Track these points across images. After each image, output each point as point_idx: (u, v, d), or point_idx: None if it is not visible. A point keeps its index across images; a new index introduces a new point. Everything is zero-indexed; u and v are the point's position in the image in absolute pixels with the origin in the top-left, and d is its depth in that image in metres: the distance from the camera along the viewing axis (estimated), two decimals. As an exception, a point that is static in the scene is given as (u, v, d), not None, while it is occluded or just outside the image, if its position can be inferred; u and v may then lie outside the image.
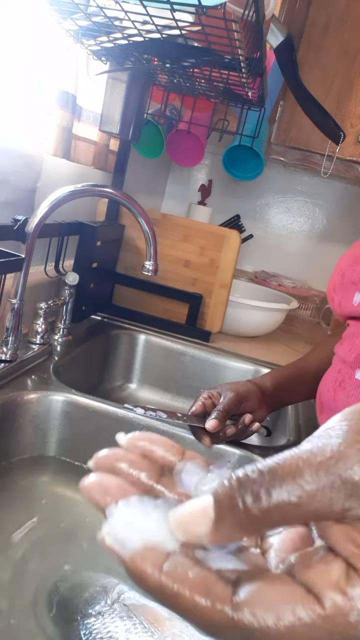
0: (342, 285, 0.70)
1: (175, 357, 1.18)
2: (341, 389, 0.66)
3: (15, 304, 0.80)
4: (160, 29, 0.71)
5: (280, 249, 1.96)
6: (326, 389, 0.70)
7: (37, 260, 0.94)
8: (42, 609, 0.55)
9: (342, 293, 0.70)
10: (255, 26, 0.69)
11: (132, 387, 1.20)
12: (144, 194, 1.72)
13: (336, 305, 0.72)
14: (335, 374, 0.69)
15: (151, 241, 0.91)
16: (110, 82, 0.99)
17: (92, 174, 1.18)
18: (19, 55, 0.79)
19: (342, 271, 0.71)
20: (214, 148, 1.82)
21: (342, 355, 0.69)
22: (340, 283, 0.71)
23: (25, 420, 0.78)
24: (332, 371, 0.71)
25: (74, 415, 0.80)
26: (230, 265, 1.22)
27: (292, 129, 1.44)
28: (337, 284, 0.72)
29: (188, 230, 1.23)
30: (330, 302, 0.75)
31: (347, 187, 1.87)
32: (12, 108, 0.81)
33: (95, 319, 1.20)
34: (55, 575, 0.60)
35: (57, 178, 1.03)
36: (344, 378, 0.67)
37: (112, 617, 0.49)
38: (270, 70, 1.12)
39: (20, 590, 0.57)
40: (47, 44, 0.83)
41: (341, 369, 0.68)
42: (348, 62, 1.37)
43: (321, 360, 0.83)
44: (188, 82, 1.03)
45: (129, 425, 0.78)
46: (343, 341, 0.71)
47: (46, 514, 0.70)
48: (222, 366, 1.16)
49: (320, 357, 0.86)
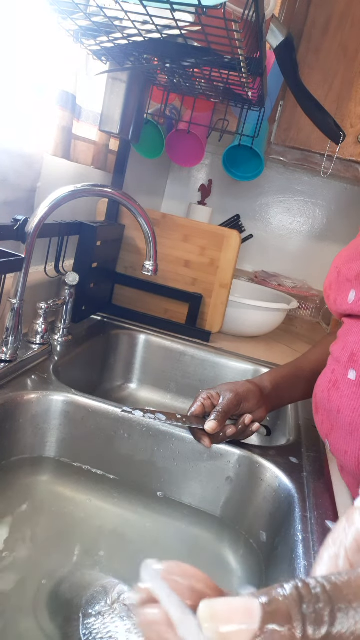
0: (338, 282, 0.70)
1: (175, 357, 1.18)
2: (335, 389, 0.66)
3: (15, 304, 0.80)
4: (160, 29, 0.71)
5: (280, 249, 1.96)
6: (320, 389, 0.70)
7: (37, 260, 0.94)
8: (41, 609, 0.55)
9: (337, 291, 0.70)
10: (255, 26, 0.69)
11: (132, 387, 1.20)
12: (144, 194, 1.72)
13: (332, 302, 0.72)
14: (329, 374, 0.69)
15: (151, 241, 0.91)
16: (110, 82, 0.99)
17: (92, 174, 1.18)
18: (19, 55, 0.79)
19: (338, 269, 0.71)
20: (214, 148, 1.82)
21: (336, 355, 0.69)
22: (336, 280, 0.71)
23: (25, 420, 0.78)
24: (326, 371, 0.71)
25: (73, 416, 0.80)
26: (230, 265, 1.22)
27: (292, 129, 1.44)
28: (333, 281, 0.72)
29: (188, 230, 1.23)
30: (327, 299, 0.74)
31: (347, 187, 1.87)
32: (12, 108, 0.81)
33: (95, 319, 1.20)
34: (55, 576, 0.60)
35: (57, 178, 1.03)
36: (338, 378, 0.66)
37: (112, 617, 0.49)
38: (270, 70, 1.12)
39: (20, 591, 0.57)
40: (47, 44, 0.83)
41: (335, 369, 0.68)
42: (348, 62, 1.37)
43: (319, 360, 0.84)
44: (188, 82, 1.03)
45: (129, 425, 0.78)
46: (338, 340, 0.71)
47: (46, 514, 0.70)
48: (222, 366, 1.16)
49: (318, 356, 0.86)
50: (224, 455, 0.76)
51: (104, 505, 0.75)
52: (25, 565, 0.61)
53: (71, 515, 0.71)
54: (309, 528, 0.60)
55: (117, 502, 0.77)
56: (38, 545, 0.64)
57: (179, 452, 0.78)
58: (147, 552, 0.68)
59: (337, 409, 0.65)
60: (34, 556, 0.62)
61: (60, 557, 0.63)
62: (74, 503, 0.74)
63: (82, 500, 0.75)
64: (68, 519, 0.71)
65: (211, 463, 0.77)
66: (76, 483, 0.78)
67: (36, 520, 0.69)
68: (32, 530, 0.66)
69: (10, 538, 0.64)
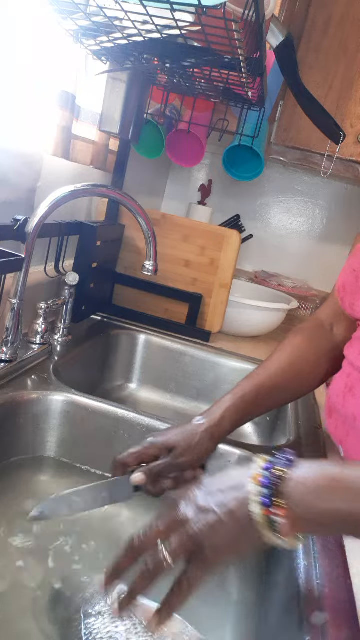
0: (356, 286, 0.68)
1: (175, 357, 1.18)
2: (351, 395, 0.64)
3: (15, 304, 0.80)
4: (160, 29, 0.71)
5: (280, 249, 1.96)
6: (335, 393, 0.68)
7: (37, 260, 0.94)
8: (41, 610, 0.55)
9: (354, 294, 0.69)
10: (255, 26, 0.69)
11: (132, 387, 1.20)
12: (144, 194, 1.72)
13: (347, 306, 0.71)
14: (345, 378, 0.67)
15: (151, 241, 0.91)
16: (110, 82, 0.99)
17: (91, 173, 1.18)
18: (19, 55, 0.79)
19: (356, 272, 0.69)
20: (214, 148, 1.82)
21: (351, 359, 0.67)
22: (354, 284, 0.69)
23: (25, 420, 0.78)
24: (342, 375, 0.69)
25: (73, 415, 0.80)
26: (230, 265, 1.22)
27: (292, 129, 1.44)
28: (348, 283, 0.70)
29: (188, 230, 1.23)
30: (341, 301, 0.73)
31: (347, 187, 1.87)
32: (12, 108, 0.81)
33: (95, 319, 1.20)
34: (55, 576, 0.60)
35: (57, 178, 1.03)
36: (354, 384, 0.65)
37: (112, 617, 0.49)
38: (270, 70, 1.12)
39: (20, 591, 0.57)
40: (47, 44, 0.83)
41: (351, 373, 0.66)
42: (348, 62, 1.37)
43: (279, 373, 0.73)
44: (188, 82, 1.03)
45: (129, 425, 0.78)
46: (353, 342, 0.69)
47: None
48: (222, 366, 1.16)
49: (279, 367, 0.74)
50: (223, 455, 0.76)
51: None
52: (25, 565, 0.61)
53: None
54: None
55: (117, 502, 0.76)
56: (38, 545, 0.64)
57: (179, 452, 0.78)
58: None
59: (352, 415, 0.63)
60: (34, 556, 0.62)
61: (60, 558, 0.63)
62: (74, 503, 0.74)
63: (82, 500, 0.75)
64: (68, 519, 0.70)
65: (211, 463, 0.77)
66: (76, 483, 0.78)
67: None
68: (32, 530, 0.66)
69: (9, 538, 0.64)
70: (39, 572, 0.60)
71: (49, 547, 0.65)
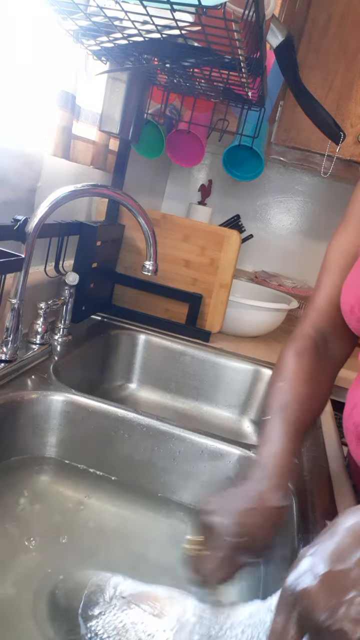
0: None
1: (175, 357, 1.18)
2: None
3: (15, 304, 0.80)
4: (160, 29, 0.71)
5: (280, 249, 1.96)
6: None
7: (37, 260, 0.94)
8: (41, 610, 0.55)
9: None
10: (255, 26, 0.69)
11: (132, 387, 1.20)
12: (144, 194, 1.72)
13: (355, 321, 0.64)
14: None
15: (151, 241, 0.91)
16: (110, 82, 0.99)
17: (91, 173, 1.18)
18: (19, 55, 0.79)
19: None
20: (214, 148, 1.82)
21: None
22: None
23: (25, 420, 0.78)
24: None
25: (73, 415, 0.80)
26: (230, 265, 1.22)
27: (292, 129, 1.44)
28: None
29: (188, 230, 1.23)
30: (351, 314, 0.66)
31: (347, 187, 1.87)
32: (12, 108, 0.81)
33: (95, 319, 1.20)
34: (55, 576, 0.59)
35: (57, 178, 1.03)
36: None
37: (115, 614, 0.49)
38: (270, 70, 1.12)
39: (20, 592, 0.57)
40: (47, 44, 0.83)
41: None
42: (348, 62, 1.37)
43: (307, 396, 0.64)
44: (188, 82, 1.03)
45: (129, 425, 0.78)
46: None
47: (46, 514, 0.70)
48: (222, 366, 1.16)
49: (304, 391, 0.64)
50: (224, 455, 0.76)
51: (104, 505, 0.75)
52: (25, 565, 0.61)
53: (71, 516, 0.71)
54: (309, 528, 0.60)
55: (117, 502, 0.77)
56: (38, 545, 0.64)
57: (179, 452, 0.78)
58: (147, 552, 0.68)
59: None
60: (34, 556, 0.62)
61: (61, 558, 0.63)
62: (74, 502, 0.74)
63: (82, 500, 0.75)
64: (68, 519, 0.71)
65: (211, 463, 0.77)
66: (76, 483, 0.78)
67: (36, 520, 0.69)
68: (32, 530, 0.66)
69: (9, 538, 0.64)
70: (39, 572, 0.60)
71: (49, 547, 0.65)
